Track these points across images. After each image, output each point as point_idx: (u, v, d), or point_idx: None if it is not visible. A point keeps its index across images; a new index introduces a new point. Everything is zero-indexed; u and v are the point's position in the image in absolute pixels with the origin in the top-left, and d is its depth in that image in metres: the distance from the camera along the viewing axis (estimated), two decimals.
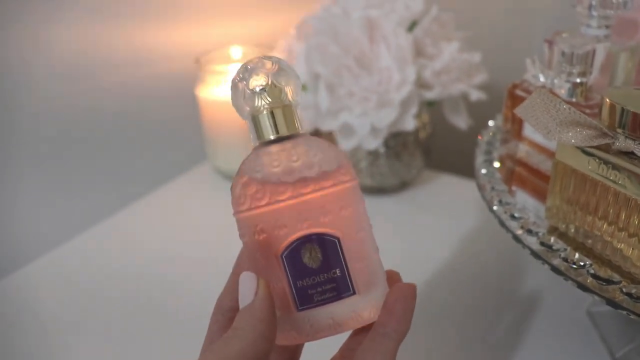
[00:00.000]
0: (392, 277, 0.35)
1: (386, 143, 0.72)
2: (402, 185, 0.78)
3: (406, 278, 0.57)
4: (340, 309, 0.31)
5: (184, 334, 0.48)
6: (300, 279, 0.31)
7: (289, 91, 0.33)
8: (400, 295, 0.31)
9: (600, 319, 0.53)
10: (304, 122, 0.69)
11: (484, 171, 0.54)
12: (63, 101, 0.74)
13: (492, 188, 0.51)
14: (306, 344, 0.36)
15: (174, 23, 0.82)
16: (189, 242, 0.70)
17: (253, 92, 0.32)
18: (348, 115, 0.68)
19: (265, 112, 0.32)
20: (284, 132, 0.32)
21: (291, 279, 0.31)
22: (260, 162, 0.32)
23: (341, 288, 0.31)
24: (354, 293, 0.31)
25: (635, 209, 0.38)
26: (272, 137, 0.32)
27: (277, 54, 0.77)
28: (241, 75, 0.33)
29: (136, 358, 0.53)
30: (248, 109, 0.33)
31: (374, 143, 0.69)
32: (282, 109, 0.32)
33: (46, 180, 0.75)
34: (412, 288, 0.32)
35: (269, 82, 0.32)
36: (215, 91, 0.78)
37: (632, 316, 0.37)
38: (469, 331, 0.54)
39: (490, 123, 0.64)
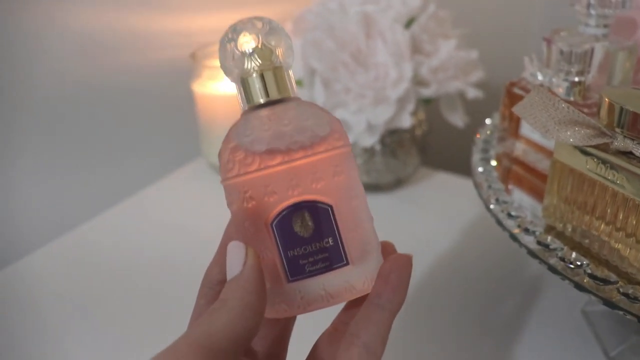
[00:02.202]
0: (387, 249, 0.33)
1: (382, 140, 0.72)
2: (398, 183, 0.78)
3: None
4: (332, 279, 0.30)
5: (179, 325, 0.48)
6: (291, 249, 0.29)
7: (280, 52, 0.31)
8: (396, 265, 0.30)
9: (594, 318, 0.53)
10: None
11: (480, 169, 0.54)
12: (57, 91, 0.73)
13: (489, 186, 0.51)
14: (298, 318, 0.35)
15: (172, 14, 0.81)
16: (183, 236, 0.70)
17: (242, 53, 0.31)
18: (344, 112, 0.68)
19: (255, 75, 0.31)
20: (274, 95, 0.31)
21: (281, 248, 0.29)
22: (249, 126, 0.30)
23: (334, 258, 0.30)
24: (347, 263, 0.30)
25: (633, 209, 0.38)
26: (262, 101, 0.31)
27: None
28: (230, 36, 0.31)
29: (129, 349, 0.53)
30: (237, 71, 0.31)
31: (370, 140, 0.69)
32: (272, 71, 0.31)
33: (38, 173, 0.74)
34: (407, 258, 0.31)
35: (259, 43, 0.31)
36: (211, 86, 0.78)
37: (629, 316, 0.37)
38: (463, 328, 0.54)
39: (488, 121, 0.64)
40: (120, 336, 0.55)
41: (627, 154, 0.38)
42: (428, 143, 0.79)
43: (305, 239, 0.29)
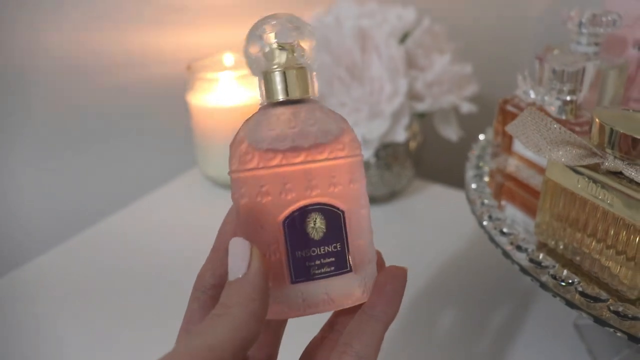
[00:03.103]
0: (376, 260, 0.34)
1: (377, 153, 0.72)
2: (392, 195, 0.78)
3: None
4: (335, 285, 0.30)
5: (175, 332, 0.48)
6: (299, 249, 0.29)
7: (307, 54, 0.31)
8: (391, 278, 0.31)
9: (586, 332, 0.54)
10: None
11: (474, 186, 0.55)
12: (56, 103, 0.74)
13: (482, 203, 0.51)
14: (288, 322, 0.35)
15: (167, 28, 0.82)
16: (177, 247, 0.70)
17: (270, 48, 0.31)
18: None
19: (279, 71, 0.30)
20: (296, 94, 0.31)
21: (290, 248, 0.29)
22: (273, 121, 0.30)
23: (339, 263, 0.30)
24: (350, 270, 0.30)
25: (624, 227, 0.39)
26: (282, 98, 0.31)
27: None
28: (260, 29, 0.31)
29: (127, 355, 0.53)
30: (262, 64, 0.31)
31: (365, 154, 0.69)
32: (297, 70, 0.31)
33: (37, 182, 0.75)
34: (402, 271, 0.31)
35: (289, 41, 0.31)
36: (207, 98, 0.78)
37: (619, 334, 0.37)
38: (455, 340, 0.55)
39: (481, 137, 0.64)
40: (118, 343, 0.55)
41: (617, 174, 0.39)
42: (422, 155, 0.80)
43: (315, 241, 0.29)
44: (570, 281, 0.41)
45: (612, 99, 0.55)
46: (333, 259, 0.30)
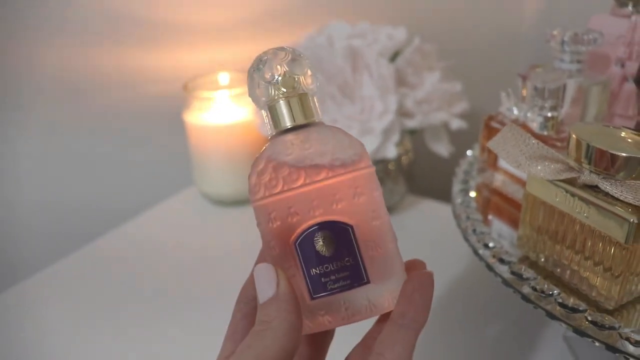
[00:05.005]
0: (416, 266, 0.34)
1: None
2: None
3: None
4: (354, 297, 0.31)
5: (170, 353, 0.49)
6: (313, 267, 0.31)
7: (304, 80, 0.33)
8: (418, 285, 0.31)
9: (576, 344, 0.55)
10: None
11: (459, 200, 0.56)
12: (51, 121, 0.75)
13: (467, 217, 0.52)
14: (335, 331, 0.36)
15: (164, 47, 0.83)
16: (174, 264, 0.71)
17: (267, 82, 0.33)
18: None
19: (280, 102, 0.33)
20: (300, 120, 0.33)
21: (304, 267, 0.31)
22: (274, 150, 0.32)
23: (354, 276, 0.31)
24: (368, 282, 0.31)
25: (600, 239, 0.40)
26: (287, 126, 0.33)
27: None
28: (255, 66, 0.33)
29: None
30: (264, 99, 0.33)
31: None
32: (297, 98, 0.33)
33: (31, 199, 0.76)
34: (429, 277, 0.31)
35: (283, 72, 0.33)
36: (203, 116, 0.80)
37: (597, 343, 0.38)
38: (445, 353, 0.55)
39: (469, 152, 0.65)
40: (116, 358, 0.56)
41: (593, 188, 0.40)
42: (414, 170, 0.81)
43: (326, 258, 0.31)
44: (550, 292, 0.42)
45: (596, 115, 0.56)
46: (347, 273, 0.31)
